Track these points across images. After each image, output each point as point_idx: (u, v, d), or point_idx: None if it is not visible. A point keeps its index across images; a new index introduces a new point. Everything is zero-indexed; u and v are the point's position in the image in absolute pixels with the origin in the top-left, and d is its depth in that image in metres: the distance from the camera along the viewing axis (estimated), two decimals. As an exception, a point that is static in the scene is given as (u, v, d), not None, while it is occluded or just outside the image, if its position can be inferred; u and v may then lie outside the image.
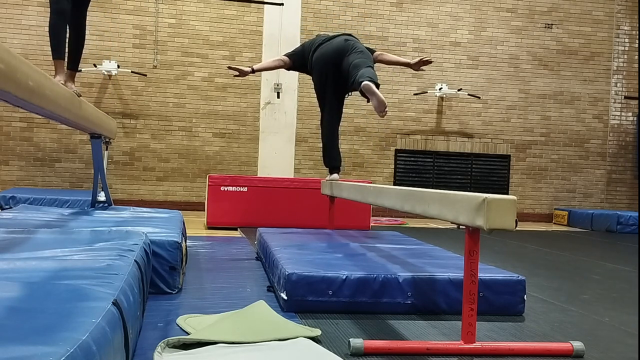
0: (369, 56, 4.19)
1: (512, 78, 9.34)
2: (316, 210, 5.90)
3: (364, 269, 2.70)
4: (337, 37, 4.38)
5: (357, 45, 4.25)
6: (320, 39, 4.47)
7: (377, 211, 7.68)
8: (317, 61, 4.34)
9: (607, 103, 9.67)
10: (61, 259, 1.98)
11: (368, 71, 3.86)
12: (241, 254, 4.33)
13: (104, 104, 8.06)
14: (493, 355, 2.07)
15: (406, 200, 2.56)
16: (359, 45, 4.26)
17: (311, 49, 4.43)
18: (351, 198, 3.75)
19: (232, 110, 8.50)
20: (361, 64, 3.99)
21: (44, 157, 8.03)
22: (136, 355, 1.84)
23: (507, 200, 1.85)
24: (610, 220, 8.01)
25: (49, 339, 1.04)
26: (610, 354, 2.18)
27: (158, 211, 4.32)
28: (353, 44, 4.24)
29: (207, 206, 6.17)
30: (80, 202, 6.16)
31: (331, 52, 4.26)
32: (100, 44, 8.09)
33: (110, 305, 1.37)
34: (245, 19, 8.51)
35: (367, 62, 4.05)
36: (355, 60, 4.06)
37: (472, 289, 2.03)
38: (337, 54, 4.22)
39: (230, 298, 2.76)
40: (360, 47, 4.24)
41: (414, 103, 9.05)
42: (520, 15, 9.35)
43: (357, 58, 4.09)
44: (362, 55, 4.13)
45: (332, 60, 4.24)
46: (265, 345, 1.99)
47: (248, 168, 8.53)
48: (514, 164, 9.40)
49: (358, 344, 2.01)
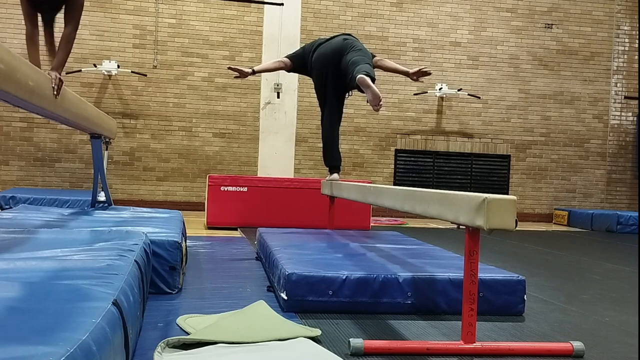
0: (368, 54, 4.18)
1: (512, 78, 9.34)
2: (316, 210, 5.90)
3: (364, 269, 2.70)
4: (336, 37, 4.38)
5: (355, 43, 4.24)
6: (320, 40, 4.48)
7: (377, 211, 7.68)
8: (316, 61, 4.34)
9: (607, 103, 9.67)
10: (61, 259, 1.98)
11: (365, 67, 3.85)
12: (241, 254, 4.33)
13: (104, 104, 8.06)
14: (493, 355, 2.07)
15: (406, 200, 2.56)
16: (358, 44, 4.25)
17: (311, 50, 4.43)
18: (351, 198, 3.75)
19: (232, 110, 8.50)
20: (359, 60, 3.98)
21: (44, 157, 8.03)
22: (136, 355, 1.84)
23: (507, 200, 1.85)
24: (610, 220, 8.01)
25: (49, 339, 1.04)
26: (610, 354, 2.18)
27: (158, 211, 4.32)
28: (352, 43, 4.24)
29: (207, 206, 6.17)
30: (80, 202, 6.16)
31: (330, 51, 4.26)
32: (100, 44, 8.09)
33: (110, 305, 1.37)
34: (245, 19, 8.51)
35: (365, 59, 4.03)
36: (354, 58, 4.05)
37: (472, 289, 2.03)
38: (336, 53, 4.21)
39: (230, 298, 2.76)
40: (358, 45, 4.23)
41: (414, 103, 9.05)
42: (520, 15, 9.35)
43: (355, 55, 4.08)
44: (360, 52, 4.12)
45: (331, 60, 4.23)
46: (265, 345, 1.99)
47: (248, 168, 8.53)
48: (514, 164, 9.40)
49: (358, 344, 2.01)
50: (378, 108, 3.66)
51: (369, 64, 4.00)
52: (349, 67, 4.01)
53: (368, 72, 3.76)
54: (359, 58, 4.02)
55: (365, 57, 4.08)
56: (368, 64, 3.96)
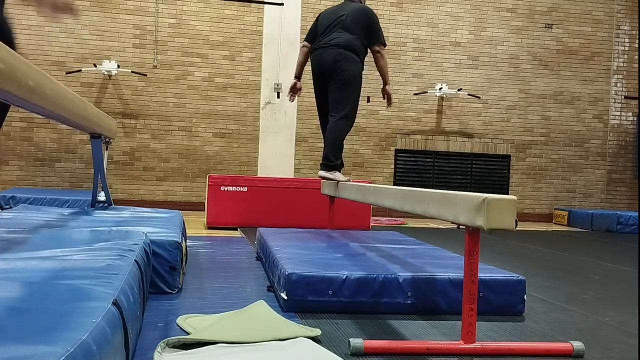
0: (345, 97, 4.14)
1: (512, 78, 9.34)
2: (316, 210, 5.90)
3: (364, 269, 2.70)
4: (330, 45, 4.22)
5: (343, 68, 4.12)
6: (322, 26, 4.35)
7: (377, 211, 7.68)
8: (311, 66, 4.38)
9: (607, 103, 9.66)
10: (61, 259, 1.98)
11: (327, 153, 4.16)
12: (241, 254, 4.33)
13: (104, 104, 8.06)
14: (493, 355, 2.07)
15: (406, 200, 2.56)
16: (345, 68, 4.12)
17: (316, 33, 4.39)
18: (351, 198, 3.75)
19: (232, 110, 8.50)
20: (330, 124, 4.15)
21: (44, 157, 8.03)
22: (136, 355, 1.84)
23: (507, 200, 1.85)
24: (610, 220, 8.01)
25: (49, 339, 1.04)
26: (610, 354, 2.18)
27: (158, 211, 4.32)
28: (339, 67, 4.13)
29: (207, 206, 6.17)
30: (80, 202, 6.16)
31: (319, 69, 4.28)
32: (100, 44, 8.09)
33: (110, 305, 1.36)
34: (245, 19, 8.51)
35: (336, 117, 4.11)
36: (332, 106, 4.16)
37: (472, 289, 2.03)
38: (324, 75, 4.24)
39: (230, 298, 2.76)
40: (345, 71, 4.12)
41: (414, 103, 9.05)
42: (520, 15, 9.35)
43: (334, 101, 4.15)
44: (339, 94, 4.13)
45: (320, 77, 4.30)
46: (265, 345, 1.99)
47: (248, 168, 8.53)
48: (514, 164, 9.40)
49: (358, 344, 2.01)
50: None
51: (336, 136, 4.15)
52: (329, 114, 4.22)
53: (327, 163, 4.15)
54: (334, 112, 4.13)
55: (341, 105, 4.13)
56: (334, 139, 4.15)
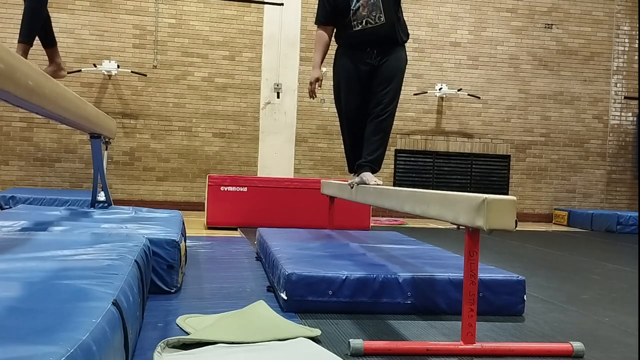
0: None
1: (512, 78, 9.34)
2: (316, 210, 5.89)
3: (364, 269, 2.70)
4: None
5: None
6: None
7: (377, 211, 7.67)
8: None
9: (607, 103, 9.66)
10: (61, 259, 1.98)
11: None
12: (241, 254, 4.33)
13: (104, 104, 8.06)
14: (493, 356, 2.07)
15: (406, 200, 2.56)
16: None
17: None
18: (351, 199, 3.75)
19: (232, 110, 8.50)
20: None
21: (44, 157, 8.03)
22: (136, 355, 1.84)
23: (507, 200, 1.85)
24: (610, 221, 8.01)
25: (49, 339, 1.04)
26: (610, 354, 2.18)
27: (158, 211, 4.32)
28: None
29: (207, 206, 6.17)
30: (80, 202, 6.16)
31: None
32: (100, 44, 8.09)
33: (110, 305, 1.37)
34: (245, 19, 8.50)
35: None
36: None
37: (472, 289, 2.03)
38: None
39: (230, 298, 2.76)
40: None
41: (414, 103, 9.05)
42: (520, 15, 9.35)
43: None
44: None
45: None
46: (265, 345, 1.99)
47: (248, 168, 8.53)
48: (514, 164, 9.40)
49: (358, 344, 2.01)
50: None
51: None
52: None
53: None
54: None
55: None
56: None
